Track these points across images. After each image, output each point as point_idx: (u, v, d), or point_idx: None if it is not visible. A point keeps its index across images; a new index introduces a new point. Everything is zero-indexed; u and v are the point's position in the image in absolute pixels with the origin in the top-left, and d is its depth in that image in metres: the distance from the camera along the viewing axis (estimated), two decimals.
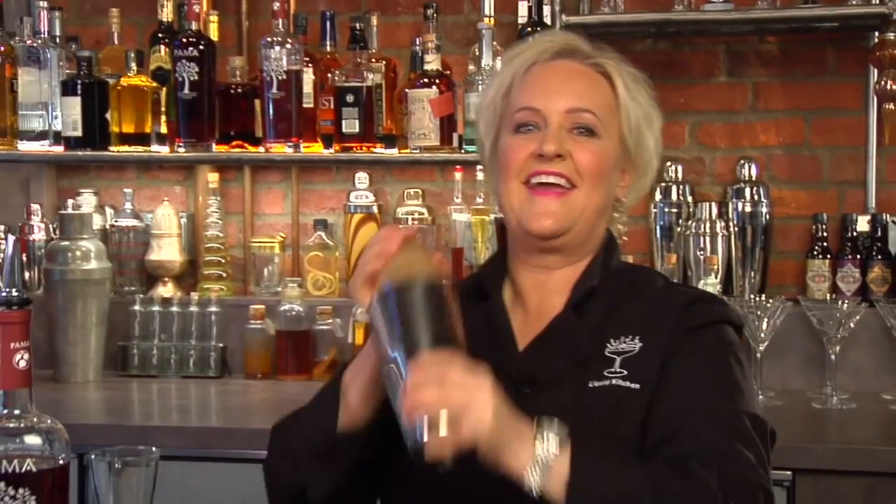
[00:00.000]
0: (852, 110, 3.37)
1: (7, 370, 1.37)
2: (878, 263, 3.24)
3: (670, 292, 1.83)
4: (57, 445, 1.39)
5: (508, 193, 1.77)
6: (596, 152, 1.75)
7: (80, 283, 3.31)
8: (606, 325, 1.76)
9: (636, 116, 1.81)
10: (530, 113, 1.76)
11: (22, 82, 3.24)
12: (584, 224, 1.77)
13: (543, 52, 1.81)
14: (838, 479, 2.56)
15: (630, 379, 1.70)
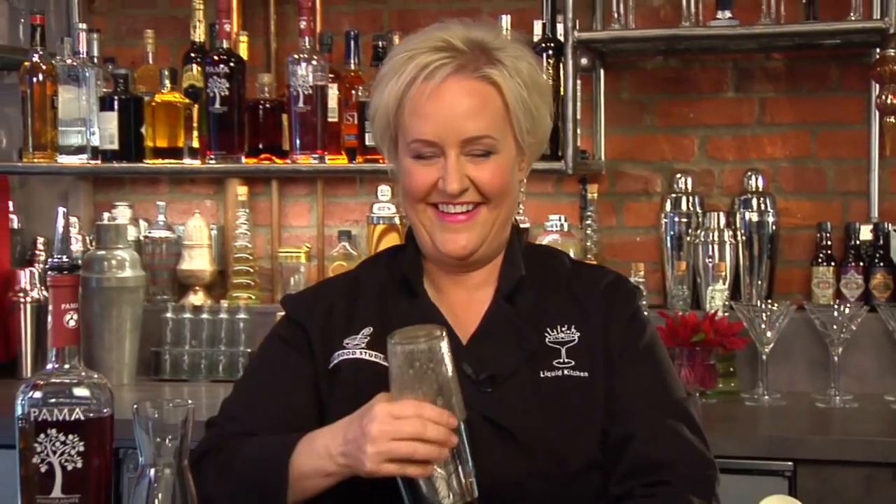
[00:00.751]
0: (855, 124, 3.49)
1: (58, 329, 1.52)
2: (881, 270, 3.35)
3: (583, 275, 1.92)
4: (102, 398, 1.52)
5: (417, 214, 1.82)
6: (496, 171, 1.79)
7: (115, 290, 3.47)
8: (539, 314, 1.84)
9: (526, 110, 1.81)
10: (427, 145, 1.77)
11: (62, 99, 3.39)
12: (495, 234, 1.84)
13: (425, 68, 1.76)
14: (837, 469, 2.67)
15: (578, 368, 1.80)
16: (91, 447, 1.49)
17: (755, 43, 3.40)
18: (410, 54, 1.78)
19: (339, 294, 1.91)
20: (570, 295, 1.86)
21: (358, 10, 3.74)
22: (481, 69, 1.76)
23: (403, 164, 1.81)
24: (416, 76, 1.76)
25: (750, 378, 3.26)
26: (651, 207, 3.62)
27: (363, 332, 1.83)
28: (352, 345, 1.83)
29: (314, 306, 1.90)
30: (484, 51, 1.78)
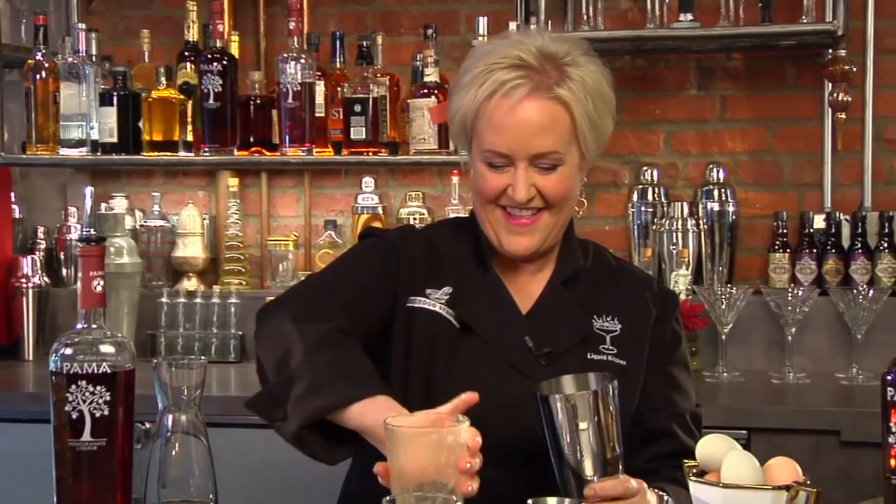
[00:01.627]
0: (810, 120, 3.69)
1: (87, 293, 1.71)
2: (832, 257, 3.53)
3: (627, 273, 2.13)
4: (126, 355, 1.71)
5: (485, 213, 1.99)
6: (560, 182, 1.95)
7: (113, 276, 3.64)
8: (589, 302, 2.03)
9: (591, 123, 1.96)
10: (500, 157, 1.93)
11: (63, 95, 3.58)
12: (554, 237, 2.01)
13: (503, 85, 1.91)
14: (789, 436, 2.86)
15: (619, 356, 1.99)
16: (116, 397, 1.68)
17: (716, 44, 3.59)
18: (490, 68, 1.93)
19: (423, 245, 2.06)
20: (616, 289, 2.06)
21: (343, 12, 3.93)
22: (553, 89, 1.90)
23: (477, 166, 1.98)
24: (494, 91, 1.91)
25: (711, 356, 3.45)
26: (619, 198, 3.81)
27: (444, 290, 2.01)
28: (433, 297, 2.00)
29: (412, 243, 2.06)
30: (555, 65, 1.92)
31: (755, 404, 3.08)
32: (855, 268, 3.50)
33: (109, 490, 1.67)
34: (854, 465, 2.79)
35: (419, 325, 2.00)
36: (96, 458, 1.66)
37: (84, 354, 1.68)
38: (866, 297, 3.33)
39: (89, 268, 1.72)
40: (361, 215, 3.79)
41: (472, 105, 1.95)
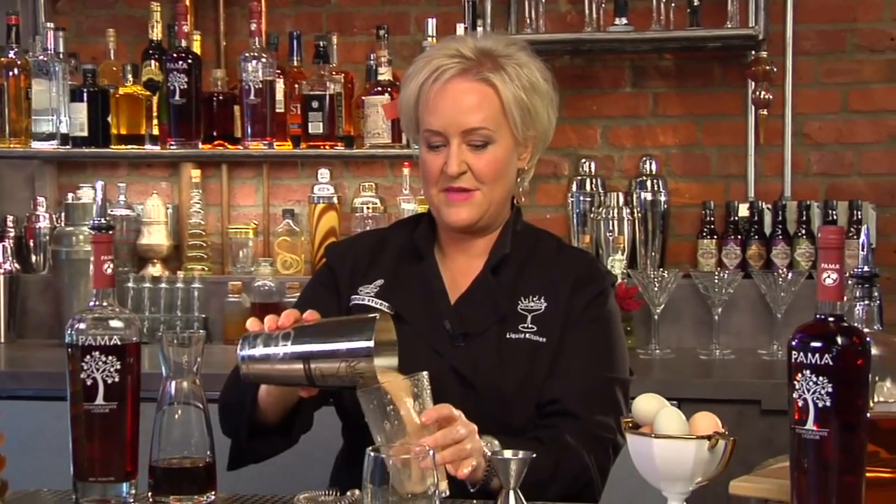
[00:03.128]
0: (735, 116, 3.93)
1: (99, 275, 1.93)
2: (756, 242, 3.77)
3: (564, 256, 2.25)
4: (133, 329, 1.93)
5: (430, 196, 2.18)
6: (490, 160, 2.12)
7: (83, 262, 3.82)
8: (517, 285, 2.18)
9: (522, 108, 2.13)
10: (435, 135, 2.12)
11: (35, 91, 3.78)
12: (490, 212, 2.17)
13: (436, 70, 2.12)
14: (714, 405, 2.98)
15: (539, 333, 2.13)
16: (125, 366, 1.89)
17: (649, 45, 3.83)
18: (428, 60, 2.15)
19: (368, 247, 2.29)
20: (548, 271, 2.20)
21: (299, 13, 4.14)
22: (482, 73, 2.11)
23: (421, 154, 2.18)
24: (428, 77, 2.13)
25: (644, 335, 3.69)
26: (559, 189, 4.04)
27: (375, 283, 2.21)
28: (363, 292, 2.21)
29: (346, 255, 2.29)
30: (490, 57, 2.12)
31: (685, 377, 3.33)
32: (776, 253, 3.75)
33: (119, 448, 1.90)
34: (773, 430, 3.02)
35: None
36: (108, 419, 1.89)
37: (96, 329, 1.90)
38: (786, 280, 3.58)
39: (100, 252, 1.94)
40: (318, 204, 4.01)
41: (414, 91, 2.16)
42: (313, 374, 1.87)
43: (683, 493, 1.74)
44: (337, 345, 1.85)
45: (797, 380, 1.62)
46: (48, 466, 1.91)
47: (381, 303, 2.19)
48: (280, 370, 1.91)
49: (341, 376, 1.85)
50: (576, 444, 2.06)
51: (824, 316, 1.65)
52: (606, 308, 2.21)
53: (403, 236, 2.29)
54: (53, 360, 3.65)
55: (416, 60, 2.21)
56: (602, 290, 2.22)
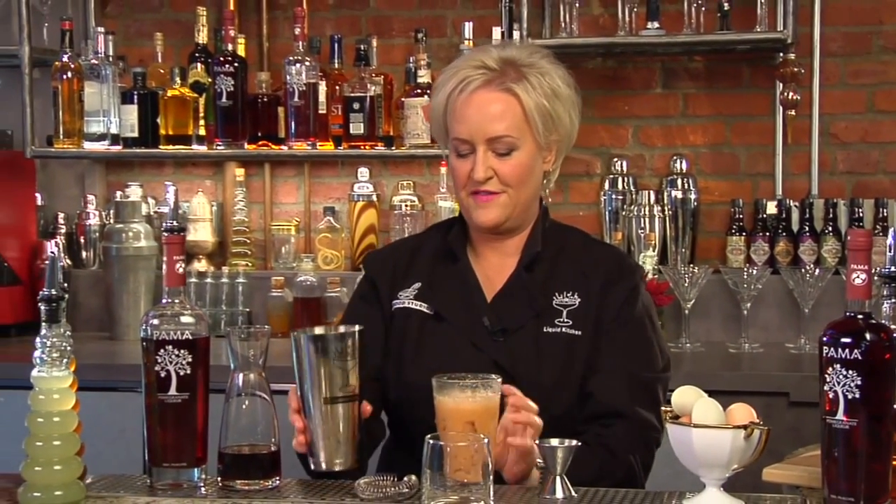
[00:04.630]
0: (763, 116, 4.01)
1: (171, 274, 2.06)
2: (783, 239, 3.85)
3: (593, 252, 2.35)
4: (203, 324, 2.05)
5: (461, 200, 2.29)
6: (515, 165, 2.22)
7: (132, 258, 3.97)
8: (550, 281, 2.28)
9: (544, 114, 2.22)
10: (463, 143, 2.23)
11: (87, 94, 3.91)
12: (517, 214, 2.27)
13: (463, 80, 2.23)
14: (743, 398, 3.13)
15: (574, 327, 2.24)
16: (196, 358, 2.01)
17: (679, 48, 3.92)
18: (455, 71, 2.26)
19: (405, 252, 2.40)
20: (579, 266, 2.30)
21: (339, 16, 4.25)
22: (505, 83, 2.21)
23: (451, 160, 2.29)
24: (455, 87, 2.24)
25: (675, 329, 3.78)
26: (592, 187, 4.15)
27: (413, 287, 2.33)
28: (403, 296, 2.33)
29: (384, 263, 2.40)
30: (513, 66, 2.23)
31: (715, 370, 3.44)
32: (803, 249, 3.85)
33: (191, 436, 2.03)
34: (801, 421, 3.11)
35: (396, 322, 2.33)
36: (180, 409, 2.01)
37: (168, 324, 2.03)
38: (813, 276, 3.67)
39: (173, 253, 2.07)
40: (357, 202, 4.13)
41: (442, 101, 2.27)
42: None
43: (720, 479, 1.86)
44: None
45: (828, 373, 1.75)
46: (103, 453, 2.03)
47: (421, 304, 2.31)
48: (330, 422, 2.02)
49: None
50: (621, 446, 2.17)
51: (853, 313, 1.77)
52: (640, 303, 2.30)
53: (437, 240, 2.40)
54: (104, 353, 3.81)
55: (444, 71, 2.32)
56: (634, 285, 2.31)
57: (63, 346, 1.93)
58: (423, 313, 2.31)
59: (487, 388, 1.96)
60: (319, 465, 2.00)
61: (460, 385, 1.96)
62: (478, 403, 1.95)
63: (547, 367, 2.22)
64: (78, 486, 1.93)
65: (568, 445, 1.94)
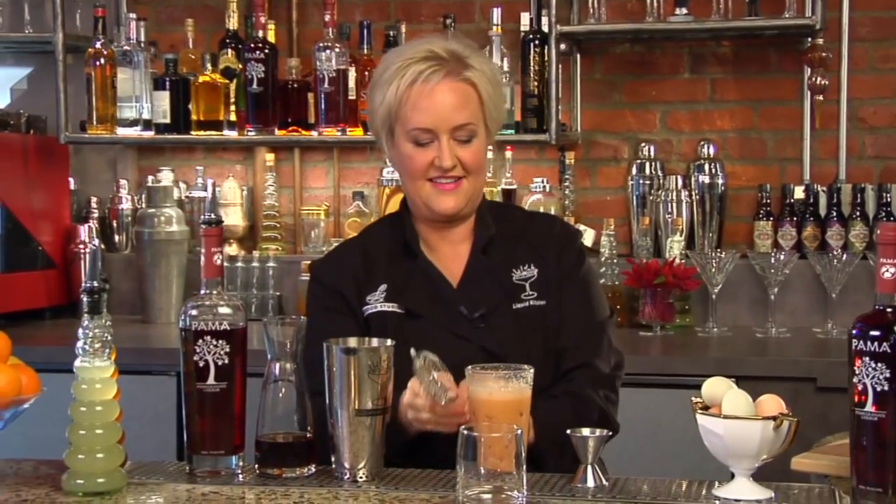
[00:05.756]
0: (791, 101, 4.02)
1: (209, 265, 2.09)
2: (811, 224, 3.87)
3: (536, 223, 2.46)
4: (240, 315, 2.08)
5: (417, 189, 2.32)
6: (475, 152, 2.31)
7: (164, 242, 4.03)
8: (507, 259, 2.36)
9: (493, 102, 2.33)
10: (425, 132, 2.28)
11: (119, 80, 3.95)
12: (473, 199, 2.35)
13: (421, 73, 2.26)
14: (770, 383, 3.15)
15: (539, 298, 2.33)
16: (234, 349, 2.05)
17: (707, 33, 3.92)
18: (406, 63, 2.29)
19: (355, 258, 2.41)
20: (528, 240, 2.39)
21: (368, 2, 4.28)
22: (462, 73, 2.29)
23: (404, 150, 2.32)
24: (414, 79, 2.27)
25: (702, 314, 3.82)
26: (619, 171, 4.17)
27: (380, 289, 2.36)
28: (373, 300, 2.35)
29: (342, 272, 2.40)
30: (459, 58, 2.30)
31: (742, 355, 3.47)
32: (830, 234, 3.86)
33: (229, 424, 2.07)
34: (828, 407, 3.12)
35: (373, 327, 2.34)
36: (219, 398, 2.05)
37: (207, 315, 2.06)
38: (840, 261, 3.69)
39: (210, 245, 2.10)
40: (386, 187, 4.15)
41: (395, 95, 2.29)
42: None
43: (750, 469, 1.90)
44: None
45: (857, 366, 1.77)
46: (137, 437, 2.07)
47: (393, 306, 2.34)
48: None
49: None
50: (587, 391, 2.28)
51: (883, 306, 1.79)
52: (587, 261, 2.45)
53: (386, 238, 2.44)
54: (137, 336, 3.86)
55: (388, 62, 2.35)
56: (579, 246, 2.46)
57: (105, 337, 1.97)
58: (396, 314, 2.34)
59: (520, 379, 1.99)
60: (343, 474, 2.03)
61: (494, 376, 1.99)
62: (511, 393, 1.98)
63: (530, 342, 2.30)
64: (120, 474, 1.97)
65: (599, 435, 1.98)
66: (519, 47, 3.90)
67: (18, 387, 1.97)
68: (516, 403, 1.98)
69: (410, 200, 2.40)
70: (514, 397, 1.98)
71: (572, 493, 1.94)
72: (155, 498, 1.94)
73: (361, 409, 2.01)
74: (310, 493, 1.95)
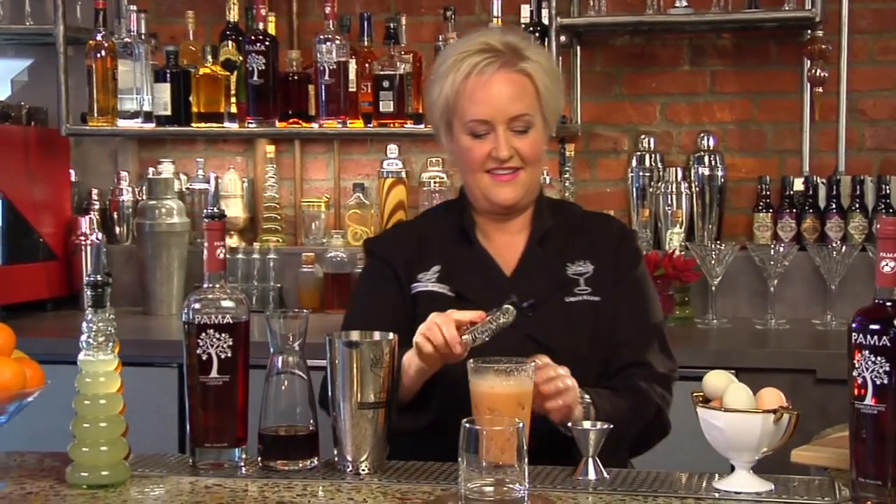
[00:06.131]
0: (790, 93, 4.03)
1: (212, 259, 2.10)
2: (810, 216, 3.88)
3: (593, 221, 2.49)
4: (242, 308, 2.09)
5: (475, 181, 2.34)
6: (533, 143, 2.32)
7: (165, 234, 4.03)
8: (562, 253, 2.38)
9: (550, 93, 2.33)
10: (482, 124, 2.29)
11: (120, 72, 3.95)
12: (530, 190, 2.37)
13: (476, 65, 2.28)
14: (770, 375, 3.17)
15: (593, 294, 2.34)
16: (236, 342, 2.06)
17: (707, 25, 3.93)
18: (462, 56, 2.31)
19: (411, 237, 2.45)
20: (584, 236, 2.41)
21: None
22: (518, 64, 2.30)
23: (462, 142, 2.33)
24: (470, 72, 2.29)
25: (701, 306, 3.83)
26: (619, 163, 4.18)
27: (433, 269, 2.38)
28: (424, 279, 2.38)
29: (395, 245, 2.45)
30: (515, 51, 2.31)
31: (741, 347, 3.47)
32: (830, 226, 3.87)
33: (232, 417, 2.08)
34: (827, 399, 3.12)
35: (420, 305, 2.36)
36: (221, 391, 2.06)
37: (210, 308, 2.07)
38: (840, 253, 3.70)
39: (213, 239, 2.11)
40: (387, 179, 4.17)
41: (452, 88, 2.31)
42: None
43: (750, 462, 1.91)
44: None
45: (857, 359, 1.79)
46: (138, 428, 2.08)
47: (444, 287, 2.36)
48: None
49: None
50: (646, 388, 2.30)
51: (882, 300, 1.80)
52: (643, 262, 2.46)
53: (442, 223, 2.46)
54: (138, 328, 3.87)
55: (445, 56, 2.37)
56: (636, 247, 2.48)
57: (108, 330, 1.98)
58: (446, 296, 2.35)
59: (522, 373, 2.00)
60: (346, 466, 2.04)
61: (495, 369, 2.00)
62: (513, 387, 1.99)
63: (579, 336, 2.31)
64: (123, 467, 1.99)
65: (600, 428, 1.99)
66: None
67: (23, 380, 1.98)
68: (518, 396, 1.99)
69: (469, 192, 2.41)
70: (516, 391, 1.99)
71: (573, 486, 1.95)
72: (158, 490, 1.96)
73: (364, 402, 2.02)
74: (313, 486, 1.96)
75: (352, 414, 2.02)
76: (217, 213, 2.12)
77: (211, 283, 2.11)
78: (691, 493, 1.90)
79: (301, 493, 1.93)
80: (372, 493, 1.92)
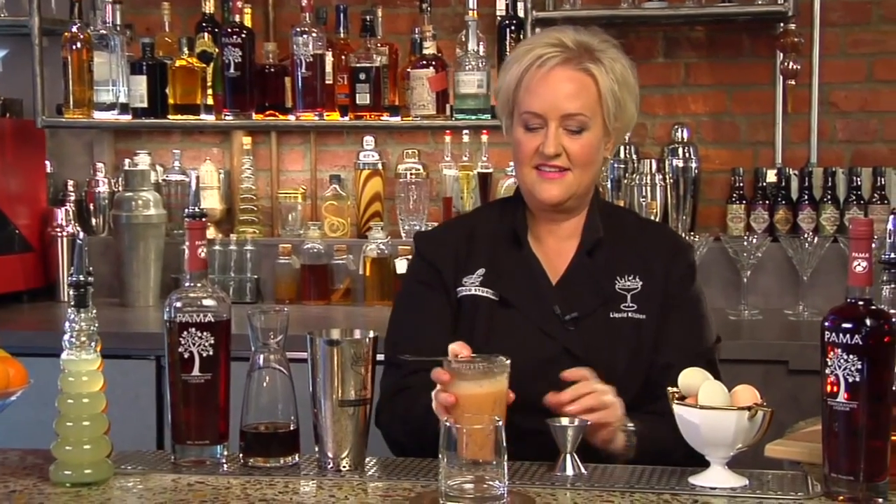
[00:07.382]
0: (763, 85, 4.07)
1: (193, 258, 2.11)
2: (783, 208, 3.92)
3: (648, 232, 2.40)
4: (224, 306, 2.10)
5: (523, 175, 2.31)
6: (584, 145, 2.25)
7: (142, 226, 4.03)
8: (612, 266, 2.32)
9: (615, 100, 2.27)
10: (535, 117, 2.26)
11: (96, 63, 3.95)
12: (578, 194, 2.30)
13: (540, 57, 2.26)
14: (743, 366, 3.21)
15: (639, 311, 2.28)
16: (218, 340, 2.07)
17: (681, 18, 3.95)
18: (530, 48, 2.30)
19: (461, 236, 2.40)
20: (637, 249, 2.34)
21: None
22: (583, 63, 2.26)
23: (516, 134, 2.31)
24: (532, 63, 2.27)
25: None
26: None
27: (477, 273, 2.34)
28: (469, 282, 2.34)
29: (443, 247, 2.39)
30: (588, 50, 2.28)
31: None
32: (802, 217, 3.91)
33: (214, 414, 2.09)
34: (800, 390, 3.17)
35: (464, 308, 2.33)
36: (203, 388, 2.08)
37: (191, 307, 2.09)
38: (812, 244, 3.75)
39: (194, 238, 2.12)
40: (363, 170, 4.19)
41: (514, 77, 2.30)
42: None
43: (725, 458, 1.95)
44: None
45: (829, 357, 1.82)
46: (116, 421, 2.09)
47: (488, 291, 2.33)
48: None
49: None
50: None
51: (854, 299, 1.83)
52: (697, 280, 2.40)
53: (493, 222, 2.42)
54: (115, 320, 3.86)
55: (517, 47, 2.38)
56: (691, 263, 2.40)
57: (91, 330, 1.99)
58: (489, 300, 2.32)
59: (497, 371, 2.01)
60: (327, 463, 2.06)
61: (471, 368, 2.01)
62: (489, 385, 2.01)
63: (619, 353, 2.27)
64: (106, 465, 2.00)
65: (578, 425, 2.02)
66: (495, 32, 3.93)
67: (6, 380, 2.00)
68: (493, 395, 2.01)
69: (520, 186, 2.38)
70: (492, 389, 2.01)
71: (552, 482, 1.97)
72: (141, 488, 1.97)
73: (344, 399, 2.04)
74: (294, 483, 1.98)
75: (333, 411, 2.04)
76: (198, 213, 2.13)
77: (193, 282, 2.12)
78: (668, 488, 1.93)
79: (283, 489, 1.95)
80: (353, 489, 1.95)
